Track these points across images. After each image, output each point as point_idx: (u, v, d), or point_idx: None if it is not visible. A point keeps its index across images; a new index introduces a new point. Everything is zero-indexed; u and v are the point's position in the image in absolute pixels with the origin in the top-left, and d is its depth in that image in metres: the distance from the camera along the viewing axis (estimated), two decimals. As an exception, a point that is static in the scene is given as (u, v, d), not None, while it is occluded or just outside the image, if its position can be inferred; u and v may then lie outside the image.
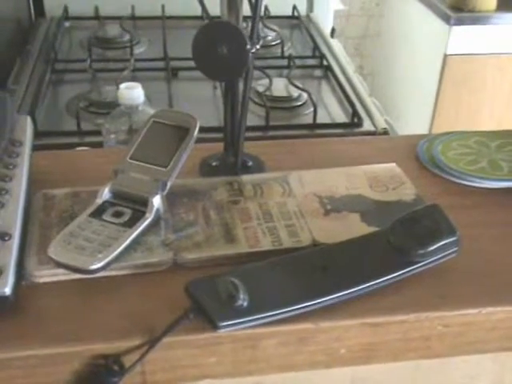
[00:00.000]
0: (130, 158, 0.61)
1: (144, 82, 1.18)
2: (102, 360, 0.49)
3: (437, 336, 0.53)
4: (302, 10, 1.71)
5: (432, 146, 0.73)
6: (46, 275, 0.53)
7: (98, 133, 1.04)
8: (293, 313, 0.51)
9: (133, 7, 1.61)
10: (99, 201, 0.58)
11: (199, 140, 0.67)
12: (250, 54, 0.61)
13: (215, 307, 0.49)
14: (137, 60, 1.36)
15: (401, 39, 2.55)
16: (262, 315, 0.50)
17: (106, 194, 0.59)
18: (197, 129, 0.62)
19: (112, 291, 0.53)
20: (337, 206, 0.62)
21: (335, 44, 1.56)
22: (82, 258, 0.52)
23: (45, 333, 0.49)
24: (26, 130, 0.62)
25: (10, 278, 0.50)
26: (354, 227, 0.60)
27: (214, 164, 0.69)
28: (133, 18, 1.60)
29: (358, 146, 0.77)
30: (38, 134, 1.10)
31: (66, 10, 1.61)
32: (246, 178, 0.66)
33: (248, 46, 0.60)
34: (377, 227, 0.59)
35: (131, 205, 0.58)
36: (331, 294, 0.52)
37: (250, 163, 0.69)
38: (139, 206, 0.58)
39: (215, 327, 0.48)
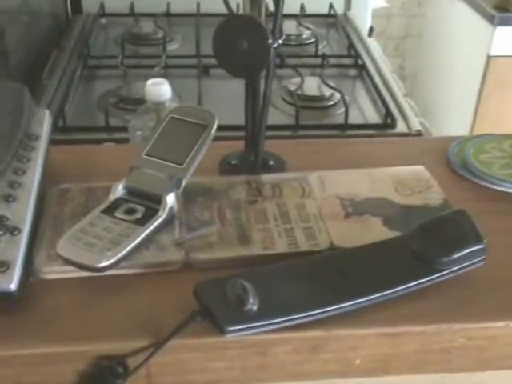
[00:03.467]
0: (146, 155, 0.59)
1: (175, 79, 1.17)
2: (107, 361, 0.47)
3: (458, 349, 0.50)
4: (340, 8, 1.68)
5: (464, 149, 0.70)
6: (54, 272, 0.52)
7: (125, 129, 1.04)
8: (305, 319, 0.48)
9: (168, 4, 1.61)
10: (112, 197, 0.57)
11: (225, 138, 0.65)
12: (272, 50, 0.59)
13: (223, 311, 0.47)
14: (169, 57, 1.35)
15: (443, 40, 2.49)
16: (273, 321, 0.47)
17: (119, 190, 0.57)
18: (215, 125, 0.60)
19: (120, 290, 0.52)
20: (358, 209, 0.60)
21: (372, 43, 1.53)
22: (91, 255, 0.51)
23: (49, 331, 0.48)
24: (44, 124, 0.62)
25: (16, 274, 0.49)
26: (375, 232, 0.57)
27: (233, 163, 0.67)
28: (168, 14, 1.60)
29: (387, 148, 0.74)
30: (66, 129, 1.10)
31: (102, 6, 1.62)
32: (265, 177, 0.64)
33: (269, 41, 0.58)
34: (400, 232, 0.56)
35: (145, 202, 0.57)
36: (347, 301, 0.49)
37: (271, 162, 0.67)
38: (153, 203, 0.56)
39: (222, 332, 0.46)
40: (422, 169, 0.66)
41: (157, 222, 0.55)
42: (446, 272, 0.51)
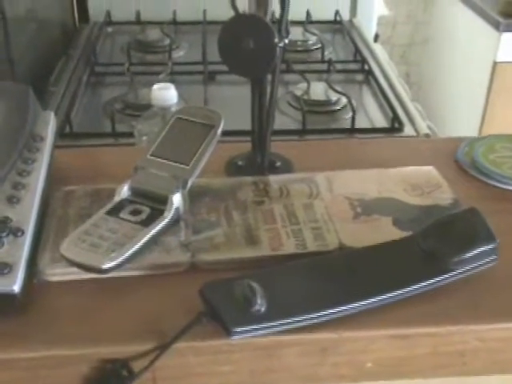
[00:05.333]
0: (151, 155, 0.59)
1: (181, 85, 1.16)
2: (111, 364, 0.46)
3: (472, 351, 0.49)
4: (345, 15, 1.67)
5: (473, 149, 0.69)
6: (58, 274, 0.51)
7: (131, 134, 1.03)
8: (314, 320, 0.47)
9: (174, 12, 1.61)
10: (117, 198, 0.56)
11: (231, 141, 0.64)
12: (278, 49, 0.58)
13: (230, 312, 0.46)
14: (175, 63, 1.35)
15: (448, 46, 2.48)
16: (281, 322, 0.46)
17: (124, 191, 0.57)
18: (221, 126, 0.59)
19: (125, 292, 0.51)
20: (367, 209, 0.59)
21: (378, 49, 1.52)
22: (95, 256, 0.50)
23: (53, 333, 0.47)
24: (49, 125, 0.61)
25: (20, 276, 0.48)
26: (385, 232, 0.56)
27: (240, 164, 0.66)
28: (174, 22, 1.60)
29: (395, 148, 0.73)
30: (72, 135, 1.10)
31: (108, 15, 1.62)
32: (272, 178, 0.63)
33: (276, 40, 0.58)
34: (410, 232, 0.55)
35: (150, 203, 0.56)
36: (357, 302, 0.48)
37: (278, 163, 0.66)
38: (158, 204, 0.55)
39: (229, 333, 0.45)
40: (431, 169, 0.65)
41: (162, 223, 0.54)
42: (457, 272, 0.50)
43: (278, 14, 0.59)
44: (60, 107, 1.19)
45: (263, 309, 0.46)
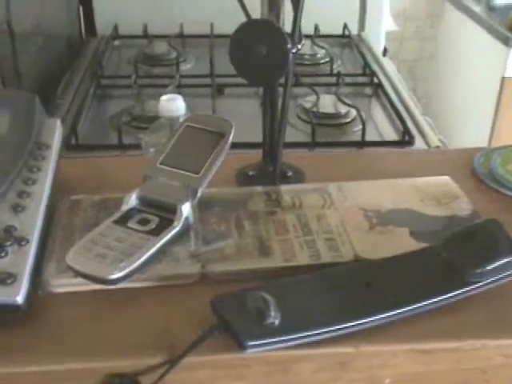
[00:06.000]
0: (160, 164, 0.57)
1: (189, 98, 1.15)
2: (118, 379, 0.44)
3: (495, 368, 0.47)
4: (353, 29, 1.67)
5: (490, 159, 0.67)
6: (63, 284, 0.50)
7: (139, 147, 1.02)
8: (331, 334, 0.45)
9: (181, 25, 1.60)
10: (125, 207, 0.55)
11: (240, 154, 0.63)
12: (291, 55, 0.57)
13: (243, 324, 0.44)
14: (182, 76, 1.34)
15: (456, 62, 2.48)
16: (296, 335, 0.44)
17: (132, 200, 0.55)
18: (232, 134, 0.58)
19: (133, 304, 0.49)
20: (383, 220, 0.57)
21: (387, 62, 1.51)
22: (102, 266, 0.48)
23: (58, 347, 0.46)
24: (55, 134, 0.59)
25: (24, 286, 0.46)
26: (401, 243, 0.54)
27: (251, 173, 0.65)
28: (181, 36, 1.59)
29: (408, 159, 0.71)
30: (78, 148, 1.08)
31: (115, 28, 1.62)
32: (284, 188, 0.61)
33: (288, 46, 0.56)
34: (428, 244, 0.53)
35: (159, 212, 0.54)
36: (375, 315, 0.46)
37: (290, 173, 0.64)
38: (167, 213, 0.54)
39: (242, 347, 0.43)
40: (447, 179, 0.63)
41: (172, 233, 0.52)
42: (479, 284, 0.48)
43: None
44: (66, 119, 1.18)
45: (277, 321, 0.44)
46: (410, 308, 0.47)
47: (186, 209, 0.54)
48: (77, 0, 1.62)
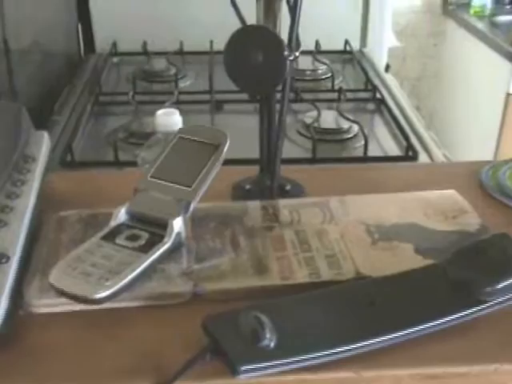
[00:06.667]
0: (152, 177, 0.54)
1: (187, 114, 1.12)
2: (102, 406, 0.41)
3: (509, 394, 0.43)
4: (355, 45, 1.65)
5: (498, 172, 0.64)
6: (46, 305, 0.47)
7: (135, 163, 0.99)
8: (330, 358, 0.42)
9: (181, 42, 1.59)
10: (114, 223, 0.52)
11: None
12: (288, 62, 0.54)
13: (236, 347, 0.41)
14: (181, 93, 1.32)
15: (460, 79, 2.46)
16: (293, 359, 0.41)
17: (121, 215, 0.52)
18: (227, 145, 0.55)
19: (119, 326, 0.46)
20: (386, 236, 0.54)
21: (389, 78, 1.49)
22: (87, 285, 0.45)
23: (40, 371, 0.43)
24: (42, 146, 0.57)
25: (3, 307, 0.44)
26: (406, 259, 0.51)
27: (247, 187, 0.62)
28: (181, 52, 1.58)
29: (412, 173, 0.68)
30: (73, 165, 1.06)
31: (114, 45, 1.60)
32: (282, 202, 0.58)
33: (286, 53, 0.54)
34: (434, 260, 0.50)
35: (149, 228, 0.51)
36: (377, 337, 0.43)
37: (289, 187, 0.61)
38: (158, 229, 0.51)
39: (235, 372, 0.40)
40: (453, 193, 0.60)
41: (162, 249, 0.49)
42: (490, 304, 0.45)
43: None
44: (62, 136, 1.15)
45: (273, 344, 0.41)
46: (415, 329, 0.44)
47: (178, 224, 0.51)
48: (76, 17, 1.61)
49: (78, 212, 0.57)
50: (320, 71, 1.47)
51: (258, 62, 0.54)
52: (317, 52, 1.54)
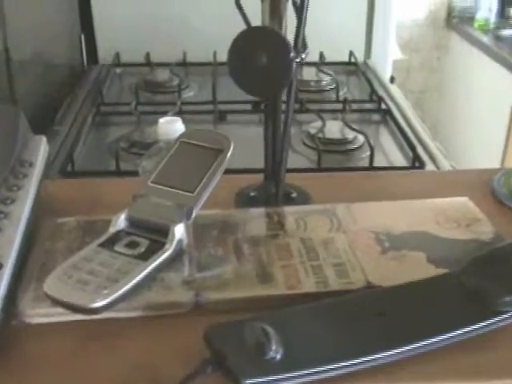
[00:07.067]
0: (152, 182, 0.52)
1: (191, 125, 1.11)
2: (98, 422, 0.39)
3: (528, 412, 0.41)
4: (360, 56, 1.63)
5: (511, 179, 0.62)
6: (40, 315, 0.45)
7: (137, 173, 0.97)
8: (339, 371, 0.40)
9: (184, 53, 1.57)
10: (113, 229, 0.50)
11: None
12: (294, 64, 0.52)
13: (239, 360, 0.39)
14: (184, 103, 1.30)
15: (464, 92, 2.44)
16: (300, 372, 0.39)
17: (121, 221, 0.50)
18: (231, 150, 0.53)
19: (117, 336, 0.44)
20: (396, 244, 0.51)
21: (394, 89, 1.47)
22: (83, 294, 0.43)
23: (32, 384, 0.40)
24: (39, 151, 0.55)
25: (-6, 316, 0.41)
26: (418, 269, 0.49)
27: (251, 194, 0.60)
28: (184, 64, 1.56)
29: (421, 180, 0.66)
30: (75, 174, 1.04)
31: (117, 56, 1.59)
32: (287, 209, 0.56)
33: (292, 55, 0.52)
34: (447, 269, 0.48)
35: (149, 235, 0.49)
36: (389, 350, 0.41)
37: (294, 194, 0.59)
38: (158, 236, 0.49)
39: (238, 385, 0.38)
40: (465, 200, 0.58)
41: (163, 257, 0.47)
42: (508, 315, 0.43)
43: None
44: (63, 146, 1.13)
45: (279, 356, 0.39)
46: (429, 342, 0.41)
47: (180, 230, 0.49)
48: (79, 28, 1.60)
49: (76, 219, 0.55)
50: (324, 82, 1.45)
51: (263, 64, 0.52)
52: (321, 63, 1.53)
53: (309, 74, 1.47)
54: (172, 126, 0.89)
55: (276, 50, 0.52)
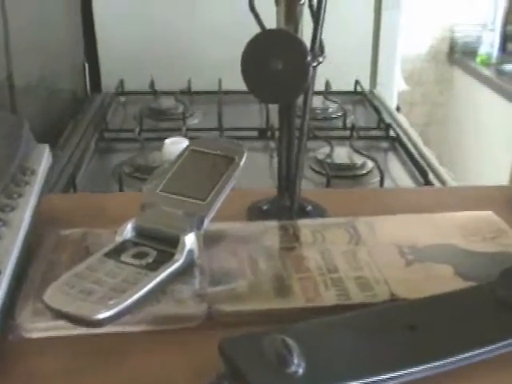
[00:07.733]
0: (161, 191, 0.49)
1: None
2: None
3: None
4: (365, 86, 1.62)
5: (536, 194, 0.59)
6: (40, 329, 0.41)
7: (141, 197, 0.94)
8: (367, 388, 0.36)
9: (189, 81, 1.56)
10: (119, 239, 0.47)
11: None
12: (311, 69, 0.50)
13: (258, 374, 0.35)
14: (189, 129, 1.28)
15: (468, 125, 2.44)
16: (324, 389, 0.35)
17: (128, 231, 0.47)
18: (244, 157, 0.51)
19: (123, 352, 0.40)
20: (421, 257, 0.48)
21: (401, 117, 1.46)
22: (86, 304, 0.40)
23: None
24: (42, 160, 0.52)
25: (-10, 328, 0.38)
26: (445, 281, 0.45)
27: (264, 208, 0.57)
28: (189, 92, 1.55)
29: (440, 196, 0.64)
30: (76, 197, 1.01)
31: (121, 84, 1.58)
32: (303, 222, 0.53)
33: (308, 59, 0.50)
34: (476, 282, 0.45)
35: (158, 245, 0.46)
36: (420, 365, 0.37)
37: (309, 208, 0.56)
38: (168, 246, 0.45)
39: (258, 403, 0.34)
40: (490, 214, 0.55)
41: (172, 268, 0.44)
42: (547, 328, 0.39)
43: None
44: (65, 170, 1.11)
45: (301, 371, 0.35)
46: (462, 356, 0.38)
47: (190, 240, 0.45)
48: (82, 56, 1.59)
49: (80, 231, 0.52)
50: (331, 110, 1.44)
51: (279, 69, 0.50)
52: (327, 92, 1.52)
53: (315, 102, 1.45)
54: (178, 147, 0.87)
55: (292, 53, 0.50)
